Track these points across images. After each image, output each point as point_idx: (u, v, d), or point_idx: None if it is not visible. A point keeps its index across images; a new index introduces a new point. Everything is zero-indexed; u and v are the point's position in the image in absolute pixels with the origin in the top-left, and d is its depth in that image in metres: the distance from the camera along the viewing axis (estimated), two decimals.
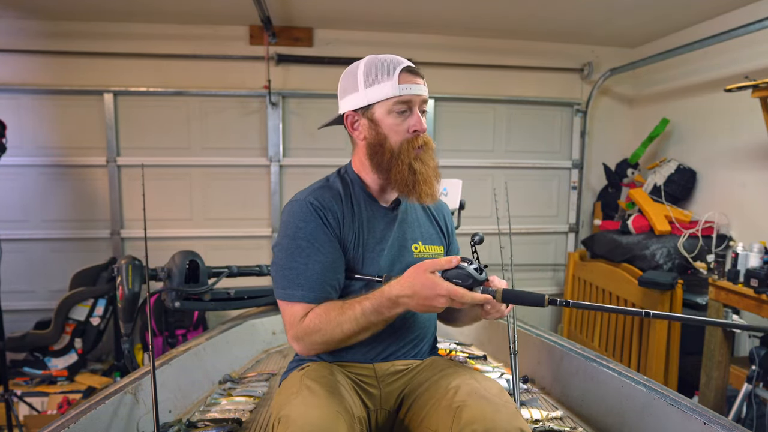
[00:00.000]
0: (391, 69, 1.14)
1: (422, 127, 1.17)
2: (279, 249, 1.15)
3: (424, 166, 1.17)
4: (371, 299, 1.05)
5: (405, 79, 1.14)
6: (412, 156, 1.16)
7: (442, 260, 1.01)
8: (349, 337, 1.08)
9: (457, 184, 2.44)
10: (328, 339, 1.08)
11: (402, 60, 1.17)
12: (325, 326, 1.07)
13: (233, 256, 2.90)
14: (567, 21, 3.40)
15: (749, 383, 2.23)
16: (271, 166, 3.68)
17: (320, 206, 1.14)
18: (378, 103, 1.15)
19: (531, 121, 3.99)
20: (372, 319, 1.05)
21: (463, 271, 1.00)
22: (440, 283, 0.98)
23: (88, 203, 3.57)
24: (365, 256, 1.17)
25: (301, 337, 1.10)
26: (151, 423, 1.19)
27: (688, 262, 2.95)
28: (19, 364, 3.13)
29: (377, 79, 1.14)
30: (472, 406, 0.94)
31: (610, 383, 1.37)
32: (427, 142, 1.19)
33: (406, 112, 1.16)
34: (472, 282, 1.00)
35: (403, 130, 1.16)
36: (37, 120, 3.46)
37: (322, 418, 0.91)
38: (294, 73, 3.66)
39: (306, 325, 1.09)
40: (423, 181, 1.16)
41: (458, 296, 0.98)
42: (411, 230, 1.26)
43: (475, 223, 3.73)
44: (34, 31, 3.38)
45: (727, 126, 3.10)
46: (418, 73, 1.17)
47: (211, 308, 2.27)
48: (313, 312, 1.09)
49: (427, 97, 1.19)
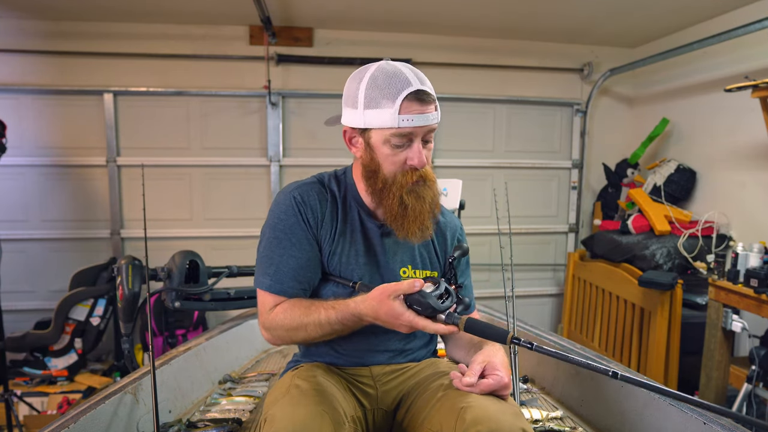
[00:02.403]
0: (394, 93, 1.02)
1: (421, 161, 1.06)
2: (262, 235, 1.17)
3: (419, 201, 1.09)
4: (337, 310, 1.04)
5: (408, 108, 1.02)
6: (405, 189, 1.08)
7: (404, 284, 0.96)
8: (313, 338, 1.09)
9: (457, 184, 2.45)
10: (292, 335, 1.10)
11: (411, 81, 1.03)
12: (290, 323, 1.08)
13: (233, 256, 2.90)
14: (567, 21, 3.40)
15: (749, 383, 2.23)
16: (271, 166, 3.68)
17: (301, 202, 1.13)
18: (374, 129, 1.06)
19: (531, 121, 3.99)
20: (336, 328, 1.05)
21: (424, 300, 0.94)
22: (402, 313, 0.95)
23: (88, 203, 3.57)
24: (341, 262, 1.15)
25: (267, 327, 1.13)
26: (151, 423, 1.19)
27: (688, 262, 2.95)
28: (19, 364, 3.13)
29: (378, 103, 1.03)
30: (476, 407, 0.94)
31: (610, 383, 1.37)
32: (426, 176, 1.09)
33: (404, 145, 1.06)
34: (432, 311, 0.95)
35: (399, 161, 1.07)
36: (37, 120, 3.46)
37: (306, 416, 0.91)
38: (294, 73, 3.66)
39: (273, 317, 1.11)
40: (413, 219, 1.09)
41: (419, 327, 0.95)
42: (402, 252, 1.19)
43: (475, 223, 3.73)
44: (34, 31, 3.38)
45: (727, 126, 3.10)
46: (427, 99, 1.03)
47: (211, 308, 2.27)
48: (281, 306, 1.11)
49: (434, 126, 1.07)
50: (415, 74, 1.06)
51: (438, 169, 3.88)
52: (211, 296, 2.25)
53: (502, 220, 1.90)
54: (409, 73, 1.05)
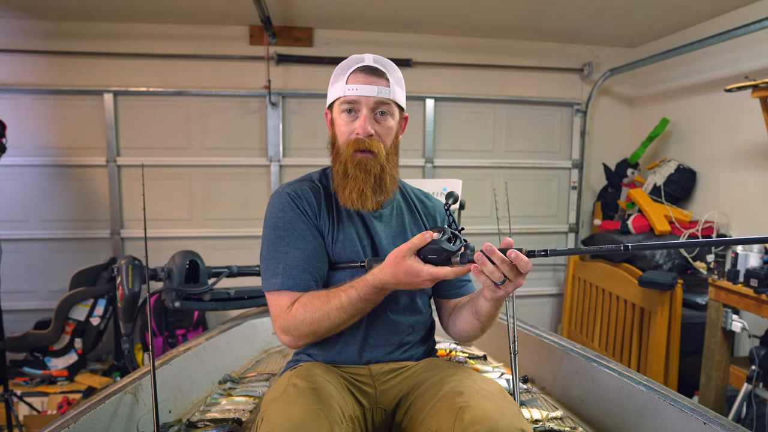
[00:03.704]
0: (346, 68, 1.14)
1: (364, 131, 1.11)
2: (262, 242, 1.17)
3: (363, 172, 1.12)
4: (356, 288, 1.04)
5: (354, 79, 1.12)
6: (351, 160, 1.12)
7: (415, 239, 0.98)
8: (337, 325, 1.08)
9: (457, 184, 2.45)
10: (315, 329, 1.08)
11: (364, 58, 1.14)
12: (312, 315, 1.07)
13: (233, 256, 2.90)
14: (567, 21, 3.40)
15: (749, 383, 2.23)
16: (271, 166, 3.68)
17: (297, 196, 1.16)
18: (334, 102, 1.16)
19: (531, 121, 3.99)
20: (360, 306, 1.05)
21: (437, 246, 0.97)
22: (420, 269, 0.97)
23: (88, 203, 3.57)
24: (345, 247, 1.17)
25: (287, 328, 1.10)
26: (151, 423, 1.19)
27: (687, 262, 2.95)
28: (19, 364, 3.13)
29: (336, 78, 1.15)
30: (475, 407, 0.94)
31: (610, 383, 1.36)
32: (370, 147, 1.12)
33: (352, 112, 1.13)
34: (447, 254, 0.97)
35: (348, 131, 1.14)
36: (37, 120, 3.46)
37: (302, 415, 0.91)
38: (294, 73, 3.66)
39: (292, 315, 1.09)
40: (353, 187, 1.13)
41: (441, 277, 0.98)
42: (394, 233, 1.23)
43: (475, 223, 3.73)
44: (34, 31, 3.38)
45: (727, 126, 3.10)
46: (377, 73, 1.12)
47: (211, 308, 2.27)
48: (299, 302, 1.09)
49: (383, 98, 1.12)
50: (377, 58, 1.16)
51: (438, 169, 3.88)
52: (211, 296, 2.25)
53: (502, 220, 1.90)
54: (368, 55, 1.15)
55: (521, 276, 0.93)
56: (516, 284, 0.94)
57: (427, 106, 3.80)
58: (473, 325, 1.15)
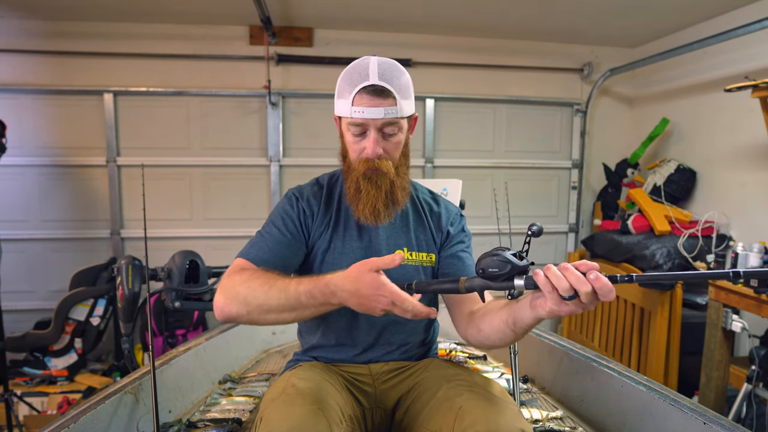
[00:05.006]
0: (352, 86, 1.09)
1: (373, 153, 1.11)
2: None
3: (374, 187, 1.14)
4: (308, 281, 0.97)
5: (360, 101, 1.08)
6: (361, 175, 1.14)
7: (386, 258, 0.91)
8: (270, 308, 0.99)
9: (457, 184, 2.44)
10: (249, 297, 1.00)
11: (369, 75, 1.08)
12: (253, 282, 1.01)
13: (233, 256, 2.89)
14: (567, 21, 3.40)
15: (749, 383, 2.23)
16: (271, 166, 3.68)
17: (299, 196, 1.22)
18: (342, 117, 1.15)
19: (531, 121, 3.99)
20: (302, 300, 0.96)
21: (501, 257, 0.81)
22: (385, 284, 0.90)
23: (88, 203, 3.57)
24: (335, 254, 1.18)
25: (225, 286, 1.04)
26: (151, 423, 1.19)
27: (688, 262, 2.95)
28: (19, 364, 3.13)
29: (341, 93, 1.12)
30: (474, 408, 0.94)
31: (610, 383, 1.37)
32: (379, 167, 1.12)
33: (360, 134, 1.13)
34: (511, 269, 0.82)
35: (358, 150, 1.14)
36: (37, 120, 3.46)
37: (301, 415, 0.91)
38: (294, 73, 3.66)
39: (237, 275, 1.05)
40: (366, 202, 1.15)
41: (399, 301, 0.90)
42: (397, 236, 1.22)
43: (476, 222, 3.73)
44: (34, 31, 3.38)
45: (727, 126, 3.10)
46: (383, 93, 1.08)
47: (211, 308, 2.27)
48: (252, 269, 1.08)
49: (391, 119, 1.10)
50: (382, 71, 1.09)
51: (438, 169, 3.88)
52: (211, 296, 2.25)
53: (502, 220, 1.91)
54: (374, 69, 1.09)
55: (596, 302, 0.82)
56: (585, 307, 0.82)
57: (427, 106, 3.81)
58: (505, 335, 1.02)
